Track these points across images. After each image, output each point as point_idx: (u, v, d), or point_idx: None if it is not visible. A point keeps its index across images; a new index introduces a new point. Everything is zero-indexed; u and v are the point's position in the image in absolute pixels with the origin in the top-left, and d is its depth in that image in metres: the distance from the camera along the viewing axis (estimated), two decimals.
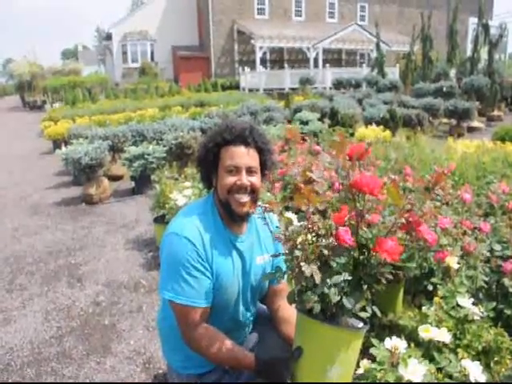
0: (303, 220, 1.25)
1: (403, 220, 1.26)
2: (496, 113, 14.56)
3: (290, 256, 1.25)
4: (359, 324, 1.35)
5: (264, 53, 25.03)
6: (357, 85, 18.58)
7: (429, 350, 1.57)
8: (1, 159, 10.13)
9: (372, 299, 1.40)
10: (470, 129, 12.27)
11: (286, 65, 24.06)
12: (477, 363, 1.47)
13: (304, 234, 1.24)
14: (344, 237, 1.19)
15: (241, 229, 1.68)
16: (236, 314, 1.72)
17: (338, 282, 1.23)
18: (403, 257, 2.03)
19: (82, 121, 11.29)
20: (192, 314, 1.54)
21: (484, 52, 16.33)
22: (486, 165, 4.21)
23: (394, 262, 1.21)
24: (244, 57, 26.04)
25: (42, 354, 2.74)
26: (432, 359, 1.52)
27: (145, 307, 3.26)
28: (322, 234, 1.23)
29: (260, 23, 25.43)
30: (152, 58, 26.77)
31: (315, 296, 1.24)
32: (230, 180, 1.57)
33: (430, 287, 2.08)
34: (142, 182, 6.40)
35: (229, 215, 1.62)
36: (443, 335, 1.55)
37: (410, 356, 1.41)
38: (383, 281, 1.25)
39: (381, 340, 1.50)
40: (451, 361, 1.53)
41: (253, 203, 1.61)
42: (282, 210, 1.30)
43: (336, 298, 1.23)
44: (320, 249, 1.22)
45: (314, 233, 1.23)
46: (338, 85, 18.97)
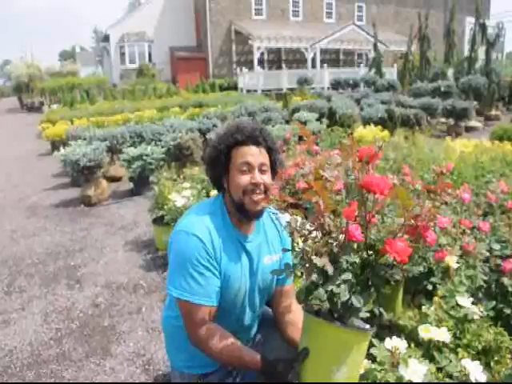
0: (313, 216, 1.25)
1: (412, 222, 1.26)
2: (494, 112, 14.59)
3: (300, 249, 1.24)
4: (365, 326, 1.35)
5: (262, 53, 25.05)
6: (355, 85, 18.62)
7: (429, 350, 1.57)
8: None
9: (376, 300, 1.41)
10: (468, 128, 12.29)
11: (284, 65, 24.08)
12: (477, 363, 1.47)
13: (315, 230, 1.24)
14: (354, 232, 1.20)
15: (249, 229, 1.68)
16: (242, 315, 1.72)
17: (348, 279, 1.23)
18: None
19: (80, 122, 11.27)
20: (199, 312, 1.53)
21: (481, 52, 16.37)
22: (485, 164, 4.21)
23: (401, 264, 1.22)
24: (242, 57, 26.04)
25: (42, 356, 2.73)
26: (432, 359, 1.52)
27: (144, 309, 3.25)
28: (332, 231, 1.23)
29: (258, 24, 25.43)
30: (150, 59, 26.75)
31: (325, 293, 1.24)
32: (245, 179, 1.57)
33: (430, 287, 2.08)
34: (141, 183, 6.40)
35: (243, 215, 1.62)
36: (443, 335, 1.56)
37: (411, 356, 1.41)
38: (392, 282, 1.26)
39: (381, 340, 1.50)
40: (451, 360, 1.53)
41: (266, 200, 1.61)
42: (288, 208, 1.30)
43: (346, 296, 1.22)
44: (330, 244, 1.22)
45: (324, 230, 1.23)
46: (336, 85, 19.01)
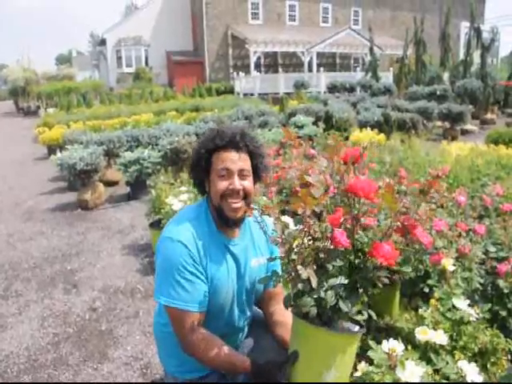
0: (300, 223, 1.25)
1: (398, 223, 1.27)
2: (489, 116, 14.67)
3: (287, 259, 1.25)
4: (355, 328, 1.35)
5: (258, 57, 25.10)
6: (351, 89, 18.67)
7: (426, 352, 1.58)
8: None
9: (368, 302, 1.41)
10: (464, 132, 12.35)
11: (281, 69, 24.18)
12: (473, 364, 1.48)
13: (300, 238, 1.24)
14: (340, 238, 1.19)
15: (234, 232, 1.68)
16: (231, 318, 1.72)
17: (335, 285, 1.24)
18: (399, 260, 2.04)
19: (77, 126, 11.26)
20: (187, 319, 1.54)
21: (476, 56, 16.46)
22: (480, 167, 4.24)
23: (390, 267, 1.22)
24: (238, 61, 26.10)
25: (39, 361, 2.72)
26: (429, 361, 1.53)
27: (142, 313, 3.25)
28: (318, 238, 1.24)
29: (254, 28, 25.52)
30: (146, 63, 26.78)
31: (311, 300, 1.25)
32: (223, 185, 1.57)
33: (426, 289, 2.09)
34: (138, 187, 6.39)
35: (222, 221, 1.62)
36: (440, 337, 1.57)
37: (408, 358, 1.41)
38: (379, 285, 1.26)
39: (378, 343, 1.50)
40: (448, 362, 1.54)
41: (247, 208, 1.60)
42: (279, 214, 1.30)
43: (333, 302, 1.23)
44: (316, 251, 1.23)
45: (310, 236, 1.24)
46: (333, 89, 19.04)
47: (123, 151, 7.04)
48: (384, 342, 1.46)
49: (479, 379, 1.43)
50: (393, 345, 1.44)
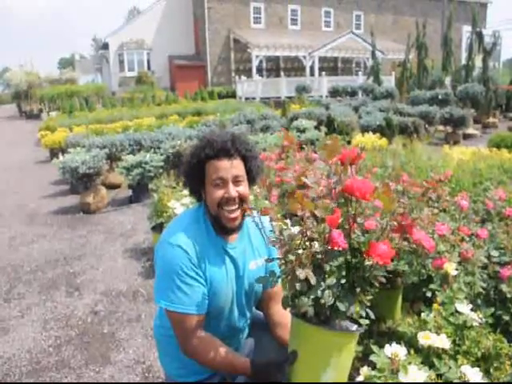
0: (297, 225, 1.26)
1: (395, 223, 1.27)
2: (491, 120, 14.68)
3: (284, 261, 1.26)
4: (353, 327, 1.36)
5: (260, 61, 25.16)
6: (353, 93, 18.70)
7: (428, 357, 1.57)
8: None
9: (371, 305, 1.41)
10: (466, 136, 12.35)
11: (282, 73, 24.17)
12: (476, 369, 1.47)
13: (298, 239, 1.25)
14: (337, 239, 1.20)
15: (232, 235, 1.70)
16: (231, 320, 1.73)
17: (332, 285, 1.24)
18: (401, 263, 2.04)
19: (79, 130, 11.30)
20: (187, 322, 1.56)
21: (478, 60, 16.49)
22: (483, 171, 4.23)
23: (388, 267, 1.23)
24: (240, 65, 26.16)
25: (41, 364, 2.73)
26: (432, 366, 1.52)
27: (144, 316, 3.25)
28: (316, 239, 1.24)
29: (256, 32, 25.59)
30: (149, 67, 26.86)
31: (309, 300, 1.26)
32: (218, 193, 1.59)
33: (429, 294, 2.09)
34: (140, 191, 6.41)
35: (220, 229, 1.64)
36: (442, 341, 1.56)
37: (410, 363, 1.41)
38: (376, 284, 1.26)
39: (380, 347, 1.50)
40: (451, 367, 1.53)
41: (242, 214, 1.63)
42: (277, 215, 1.30)
43: (330, 301, 1.23)
44: (313, 253, 1.23)
45: (308, 237, 1.24)
46: (334, 93, 19.08)
47: (125, 155, 7.05)
48: (387, 347, 1.46)
49: None
50: (395, 349, 1.43)
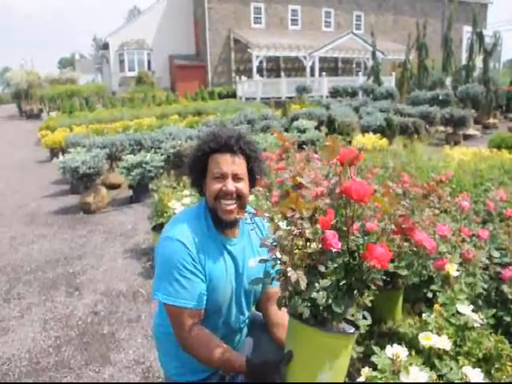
0: (291, 225, 1.25)
1: (393, 226, 1.26)
2: (491, 120, 14.69)
3: (276, 262, 1.25)
4: (350, 329, 1.35)
5: (260, 62, 25.15)
6: (353, 93, 18.69)
7: (429, 358, 1.57)
8: None
9: (372, 306, 1.41)
10: (466, 136, 12.35)
11: (283, 73, 24.18)
12: (478, 370, 1.47)
13: (291, 240, 1.24)
14: (331, 240, 1.19)
15: (233, 232, 1.71)
16: (229, 318, 1.73)
17: (327, 286, 1.24)
18: (402, 264, 2.04)
19: (80, 129, 11.29)
20: (185, 316, 1.56)
21: (479, 60, 16.48)
22: (483, 172, 4.23)
23: (387, 269, 1.22)
24: (241, 65, 26.15)
25: (40, 364, 2.72)
26: (433, 367, 1.52)
27: (144, 316, 3.25)
28: (310, 239, 1.24)
29: (256, 32, 25.58)
30: (149, 67, 26.85)
31: (303, 301, 1.25)
32: (217, 186, 1.62)
33: (430, 295, 2.08)
34: (140, 191, 6.40)
35: (217, 222, 1.66)
36: (444, 342, 1.56)
37: (412, 364, 1.41)
38: (373, 287, 1.26)
39: (381, 348, 1.50)
40: (452, 368, 1.53)
41: (240, 209, 1.63)
42: (274, 216, 1.29)
43: (324, 303, 1.23)
44: (307, 254, 1.22)
45: (302, 238, 1.23)
46: (335, 93, 19.06)
47: (126, 155, 7.05)
48: (388, 347, 1.45)
49: None
50: (397, 350, 1.43)
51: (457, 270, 2.03)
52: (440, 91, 14.75)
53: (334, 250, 1.21)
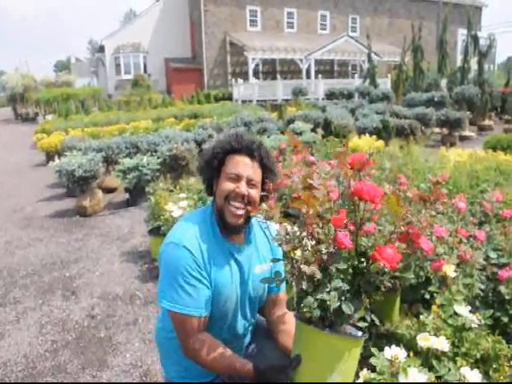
0: (302, 225, 1.25)
1: (402, 229, 1.27)
2: (487, 122, 14.75)
3: (290, 259, 1.25)
4: (358, 333, 1.35)
5: (256, 64, 25.19)
6: (349, 95, 18.72)
7: (428, 359, 1.57)
8: None
9: (371, 308, 1.41)
10: (462, 138, 12.39)
11: (279, 76, 24.25)
12: (476, 371, 1.47)
13: (303, 239, 1.24)
14: (343, 239, 1.20)
15: (239, 238, 1.69)
16: (234, 325, 1.72)
17: (338, 287, 1.23)
18: (400, 266, 2.04)
19: (76, 133, 11.26)
20: (190, 323, 1.54)
21: (474, 62, 16.56)
22: (479, 173, 4.24)
23: (392, 271, 1.22)
24: (237, 68, 26.19)
25: (37, 369, 2.70)
26: (431, 368, 1.52)
27: (141, 319, 3.23)
28: (322, 240, 1.24)
29: (252, 35, 25.64)
30: (145, 70, 26.83)
31: (315, 302, 1.24)
32: (229, 186, 1.59)
33: (427, 296, 2.09)
34: (137, 194, 6.39)
35: (223, 225, 1.63)
36: (442, 343, 1.56)
37: (410, 365, 1.41)
38: (382, 288, 1.26)
39: (379, 349, 1.49)
40: (450, 369, 1.53)
41: (246, 217, 1.62)
42: (280, 217, 1.30)
43: (336, 303, 1.22)
44: (319, 252, 1.23)
45: (313, 238, 1.24)
46: (331, 95, 19.09)
47: (122, 158, 7.03)
48: (386, 349, 1.45)
49: None
50: (395, 352, 1.43)
51: (454, 271, 2.03)
52: (435, 93, 14.79)
53: (344, 251, 1.21)
